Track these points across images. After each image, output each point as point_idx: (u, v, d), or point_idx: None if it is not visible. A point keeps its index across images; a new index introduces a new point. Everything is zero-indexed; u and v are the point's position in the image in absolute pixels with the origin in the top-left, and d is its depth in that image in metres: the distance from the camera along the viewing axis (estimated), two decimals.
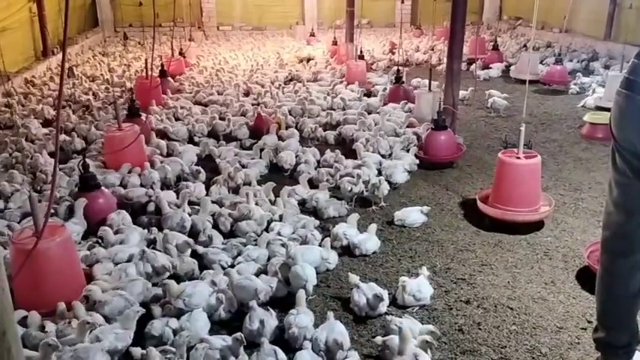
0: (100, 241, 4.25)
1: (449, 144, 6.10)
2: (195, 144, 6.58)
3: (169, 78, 9.68)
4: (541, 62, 11.23)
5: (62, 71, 3.03)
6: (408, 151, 6.10)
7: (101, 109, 7.96)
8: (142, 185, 5.29)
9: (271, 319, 3.21)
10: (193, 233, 4.39)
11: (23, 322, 3.19)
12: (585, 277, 3.78)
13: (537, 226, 4.61)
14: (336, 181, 5.42)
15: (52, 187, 3.15)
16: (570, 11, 11.06)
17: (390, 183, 5.33)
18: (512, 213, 4.52)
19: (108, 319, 3.26)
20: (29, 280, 3.35)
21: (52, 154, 5.91)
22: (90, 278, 3.66)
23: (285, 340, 3.16)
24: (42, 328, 3.17)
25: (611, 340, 2.71)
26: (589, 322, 3.34)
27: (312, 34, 15.69)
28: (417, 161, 5.87)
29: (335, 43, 13.09)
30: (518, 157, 4.62)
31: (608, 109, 2.74)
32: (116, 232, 4.30)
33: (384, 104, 8.29)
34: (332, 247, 4.15)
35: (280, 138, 6.61)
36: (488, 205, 4.64)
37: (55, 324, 3.18)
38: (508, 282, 3.84)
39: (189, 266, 3.90)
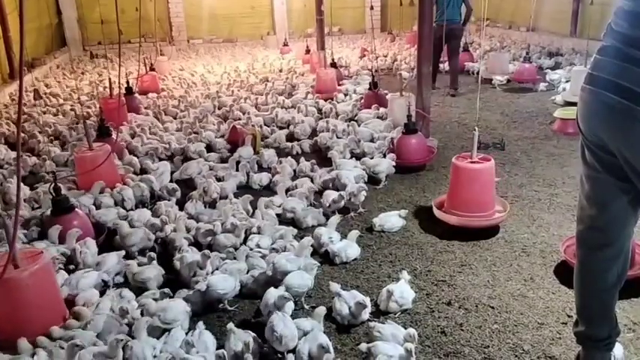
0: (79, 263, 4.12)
1: (419, 148, 6.14)
2: (170, 160, 6.48)
3: (137, 95, 9.47)
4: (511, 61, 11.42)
5: (20, 94, 2.94)
6: (384, 156, 6.13)
7: (72, 129, 7.81)
8: (116, 204, 5.20)
9: (252, 342, 3.09)
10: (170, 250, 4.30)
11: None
12: (563, 272, 3.81)
13: (515, 223, 4.66)
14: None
15: (16, 214, 3.04)
16: (536, 10, 11.28)
17: (375, 177, 5.64)
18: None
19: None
20: (5, 309, 3.25)
21: (23, 179, 5.78)
22: (71, 305, 3.55)
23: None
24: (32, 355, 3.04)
25: (592, 333, 2.72)
26: (569, 316, 3.36)
27: (286, 44, 15.68)
28: (394, 164, 5.89)
29: (308, 51, 13.10)
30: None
31: (575, 104, 2.78)
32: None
33: (359, 110, 8.32)
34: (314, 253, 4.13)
35: (255, 151, 6.57)
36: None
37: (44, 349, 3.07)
38: (488, 281, 3.85)
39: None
